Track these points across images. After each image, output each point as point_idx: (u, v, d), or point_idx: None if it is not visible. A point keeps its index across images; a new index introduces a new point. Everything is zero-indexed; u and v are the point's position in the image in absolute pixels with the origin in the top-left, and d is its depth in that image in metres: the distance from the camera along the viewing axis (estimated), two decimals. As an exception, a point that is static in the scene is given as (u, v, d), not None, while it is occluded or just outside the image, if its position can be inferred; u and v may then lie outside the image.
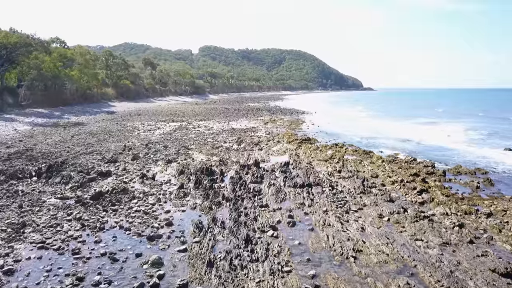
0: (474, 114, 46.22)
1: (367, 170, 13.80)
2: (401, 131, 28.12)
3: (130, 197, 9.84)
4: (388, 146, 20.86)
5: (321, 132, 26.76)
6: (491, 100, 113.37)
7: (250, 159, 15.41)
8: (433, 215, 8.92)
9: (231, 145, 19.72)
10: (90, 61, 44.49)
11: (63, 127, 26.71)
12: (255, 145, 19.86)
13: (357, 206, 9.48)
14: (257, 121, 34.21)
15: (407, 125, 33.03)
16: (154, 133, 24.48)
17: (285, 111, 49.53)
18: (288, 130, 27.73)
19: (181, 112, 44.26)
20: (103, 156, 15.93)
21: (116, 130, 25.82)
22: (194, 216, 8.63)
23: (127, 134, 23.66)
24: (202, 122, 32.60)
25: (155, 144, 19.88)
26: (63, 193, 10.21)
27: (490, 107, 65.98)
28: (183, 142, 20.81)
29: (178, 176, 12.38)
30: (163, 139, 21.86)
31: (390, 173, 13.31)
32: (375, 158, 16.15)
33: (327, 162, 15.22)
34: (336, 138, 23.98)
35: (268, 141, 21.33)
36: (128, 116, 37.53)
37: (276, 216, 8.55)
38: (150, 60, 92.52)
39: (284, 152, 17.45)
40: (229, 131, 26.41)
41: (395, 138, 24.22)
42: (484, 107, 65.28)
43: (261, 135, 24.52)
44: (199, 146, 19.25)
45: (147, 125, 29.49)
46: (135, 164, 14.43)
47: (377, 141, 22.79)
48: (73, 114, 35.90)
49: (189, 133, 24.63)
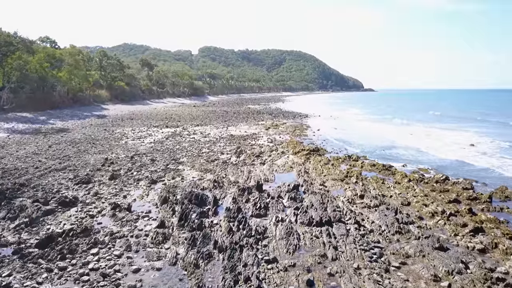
0: (486, 120, 43.64)
1: (394, 194, 11.27)
2: (415, 138, 25.57)
3: (91, 243, 7.30)
4: (407, 158, 18.31)
5: (328, 140, 24.22)
6: (501, 102, 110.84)
7: (250, 178, 12.87)
8: (505, 274, 6.40)
9: (229, 157, 17.19)
10: (80, 61, 41.96)
11: (43, 134, 24.16)
12: (256, 157, 17.32)
13: (398, 259, 6.95)
14: (258, 126, 31.70)
15: (420, 131, 30.48)
16: (143, 142, 21.94)
17: (287, 114, 47.00)
18: (292, 137, 25.21)
19: (177, 115, 41.73)
20: (76, 174, 13.39)
21: (102, 138, 23.28)
22: (172, 280, 6.09)
23: (113, 143, 21.12)
24: (198, 127, 30.06)
25: (142, 156, 17.35)
26: (1, 236, 7.68)
27: (504, 110, 63.44)
28: (174, 153, 18.28)
29: (161, 205, 9.84)
30: (153, 149, 19.33)
31: (423, 198, 10.78)
32: (398, 175, 13.61)
33: (344, 182, 12.68)
34: (346, 147, 21.45)
35: (271, 152, 18.81)
36: (120, 120, 34.98)
37: (289, 281, 6.01)
38: (148, 61, 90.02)
39: (290, 168, 14.90)
40: (227, 138, 23.89)
41: (411, 147, 21.67)
42: (493, 111, 62.80)
43: (263, 143, 22.00)
44: (192, 159, 16.71)
45: (137, 131, 26.95)
46: (111, 186, 11.90)
47: (393, 151, 20.23)
48: (60, 118, 33.36)
49: (182, 142, 22.10)
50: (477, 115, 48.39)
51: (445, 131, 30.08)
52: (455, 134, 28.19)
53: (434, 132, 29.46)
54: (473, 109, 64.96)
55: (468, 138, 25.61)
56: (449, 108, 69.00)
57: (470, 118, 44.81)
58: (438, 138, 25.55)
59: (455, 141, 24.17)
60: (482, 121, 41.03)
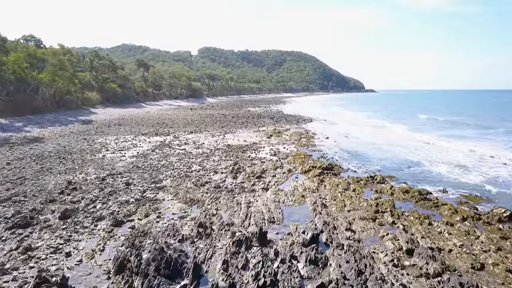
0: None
1: (453, 246, 7.96)
2: (439, 150, 22.24)
3: None
4: (442, 178, 14.99)
5: (341, 151, 20.90)
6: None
7: (250, 217, 9.57)
8: None
9: (223, 179, 13.89)
10: (65, 61, 38.63)
11: (10, 145, 20.84)
12: (257, 178, 14.02)
13: None
14: (259, 133, 28.41)
15: (436, 139, 27.14)
16: (125, 155, 18.64)
17: (289, 118, 43.69)
18: (298, 147, 21.92)
19: (171, 120, 38.41)
20: (19, 209, 10.08)
21: (78, 150, 19.97)
22: None
23: (88, 158, 17.82)
24: (192, 135, 26.75)
25: (116, 177, 14.04)
26: None
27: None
28: (157, 172, 14.97)
29: (115, 275, 6.52)
30: (133, 166, 16.02)
31: (496, 255, 7.48)
32: (445, 210, 10.31)
33: (376, 223, 9.37)
34: (363, 161, 18.14)
35: (275, 169, 15.52)
36: (106, 127, 31.67)
37: None
38: (144, 62, 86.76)
39: (302, 197, 11.57)
40: (223, 150, 20.59)
41: (438, 161, 18.38)
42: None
43: (265, 156, 18.72)
44: (177, 182, 13.40)
45: (122, 140, 23.64)
46: (57, 232, 8.58)
47: (421, 169, 16.88)
48: (39, 125, 30.04)
49: (170, 155, 18.80)
50: (496, 121, 44.93)
51: (467, 140, 26.66)
52: (480, 145, 24.82)
53: (455, 142, 26.06)
54: (487, 113, 61.56)
55: (499, 150, 22.30)
56: (460, 112, 65.58)
57: (489, 125, 41.45)
58: (460, 149, 22.18)
59: (484, 153, 20.80)
60: (507, 130, 37.65)
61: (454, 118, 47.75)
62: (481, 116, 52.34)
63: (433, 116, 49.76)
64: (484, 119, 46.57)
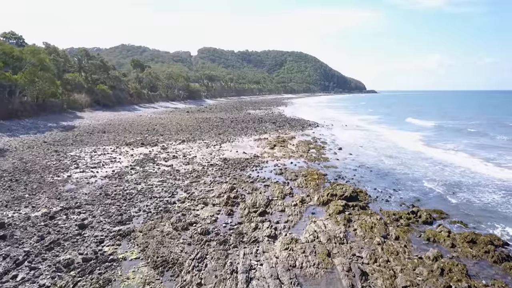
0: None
1: None
2: (478, 167, 18.66)
3: None
4: (503, 214, 11.37)
5: (360, 169, 17.23)
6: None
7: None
8: None
9: (215, 216, 10.28)
10: (46, 61, 35.05)
11: (-40, 161, 17.23)
12: (260, 215, 10.43)
13: None
14: (260, 142, 24.82)
15: (465, 155, 23.55)
16: (96, 176, 15.02)
17: (293, 122, 40.06)
18: (308, 162, 18.35)
19: (163, 126, 34.78)
20: None
21: (41, 167, 16.35)
22: None
23: (48, 180, 14.20)
24: (183, 145, 23.15)
25: (72, 213, 10.44)
26: None
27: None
28: (129, 204, 11.37)
29: None
30: (100, 194, 12.42)
31: None
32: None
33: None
34: (393, 184, 14.52)
35: (284, 198, 11.97)
36: (88, 134, 28.05)
37: None
38: (139, 62, 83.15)
39: (327, 257, 7.92)
40: (218, 166, 17.02)
41: (494, 184, 14.78)
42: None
43: (269, 176, 15.15)
44: (150, 223, 9.76)
45: (100, 153, 20.03)
46: None
47: (475, 196, 13.24)
48: (10, 132, 26.42)
49: (152, 175, 15.19)
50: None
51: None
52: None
53: (484, 157, 22.43)
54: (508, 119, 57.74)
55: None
56: (478, 118, 61.81)
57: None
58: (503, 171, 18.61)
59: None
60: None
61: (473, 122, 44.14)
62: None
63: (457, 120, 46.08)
64: None
